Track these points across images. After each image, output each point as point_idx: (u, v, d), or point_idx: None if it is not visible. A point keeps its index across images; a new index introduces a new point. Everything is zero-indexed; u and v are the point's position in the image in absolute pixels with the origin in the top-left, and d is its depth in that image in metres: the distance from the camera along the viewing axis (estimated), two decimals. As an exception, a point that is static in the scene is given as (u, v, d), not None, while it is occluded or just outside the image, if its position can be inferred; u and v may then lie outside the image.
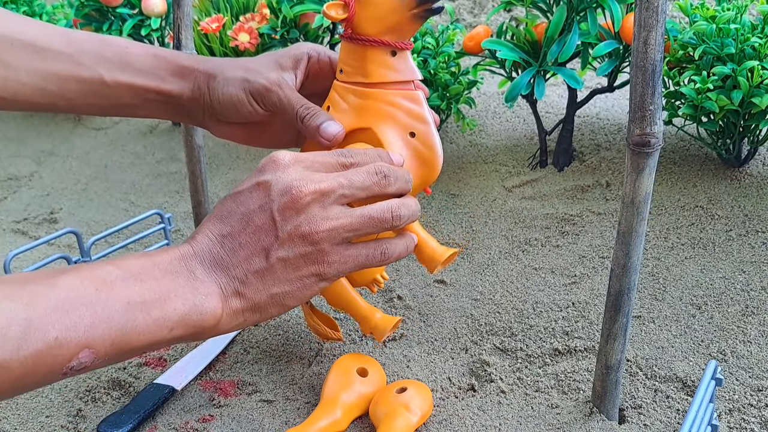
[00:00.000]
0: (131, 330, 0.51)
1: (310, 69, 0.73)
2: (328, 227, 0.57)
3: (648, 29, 0.58)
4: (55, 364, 0.48)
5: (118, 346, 0.50)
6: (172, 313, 0.53)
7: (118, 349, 0.51)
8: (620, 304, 0.67)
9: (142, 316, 0.51)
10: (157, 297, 0.52)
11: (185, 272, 0.55)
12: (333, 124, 0.68)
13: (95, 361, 0.50)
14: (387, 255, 0.62)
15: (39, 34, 0.67)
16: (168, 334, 0.53)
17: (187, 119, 0.74)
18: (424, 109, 0.69)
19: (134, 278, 0.52)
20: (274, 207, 0.56)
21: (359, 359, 0.80)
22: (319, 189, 0.57)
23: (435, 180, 0.70)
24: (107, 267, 0.52)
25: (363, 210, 0.59)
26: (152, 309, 0.52)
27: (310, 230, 0.56)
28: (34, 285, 0.48)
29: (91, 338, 0.49)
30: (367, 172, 0.60)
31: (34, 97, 0.67)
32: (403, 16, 0.66)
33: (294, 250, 0.57)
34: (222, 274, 0.56)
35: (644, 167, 0.62)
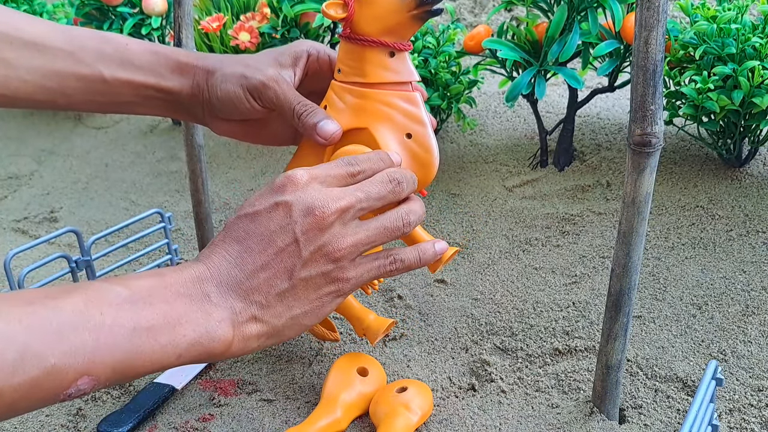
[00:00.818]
0: (136, 356, 0.49)
1: (310, 67, 0.73)
2: (349, 243, 0.57)
3: (649, 29, 0.58)
4: (52, 390, 0.45)
5: (120, 371, 0.48)
6: (181, 339, 0.51)
7: (119, 375, 0.48)
8: (621, 304, 0.67)
9: (149, 341, 0.49)
10: (166, 322, 0.50)
11: (199, 296, 0.53)
12: (330, 122, 0.68)
13: (95, 387, 0.48)
14: (398, 265, 0.62)
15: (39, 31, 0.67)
16: (175, 360, 0.51)
17: (187, 116, 0.74)
18: (421, 111, 0.69)
19: (143, 301, 0.50)
20: (297, 228, 0.55)
21: (359, 359, 0.80)
22: (340, 207, 0.56)
23: (431, 182, 0.70)
24: (116, 287, 0.50)
25: (378, 222, 0.59)
26: (160, 335, 0.50)
27: (333, 249, 0.56)
28: (36, 306, 0.46)
29: (91, 365, 0.46)
30: (381, 182, 0.60)
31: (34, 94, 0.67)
32: (403, 17, 0.65)
33: (316, 269, 0.56)
34: (239, 298, 0.54)
35: (645, 167, 0.62)
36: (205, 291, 0.53)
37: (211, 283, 0.54)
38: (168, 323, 0.50)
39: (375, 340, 0.76)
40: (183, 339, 0.51)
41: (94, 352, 0.46)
